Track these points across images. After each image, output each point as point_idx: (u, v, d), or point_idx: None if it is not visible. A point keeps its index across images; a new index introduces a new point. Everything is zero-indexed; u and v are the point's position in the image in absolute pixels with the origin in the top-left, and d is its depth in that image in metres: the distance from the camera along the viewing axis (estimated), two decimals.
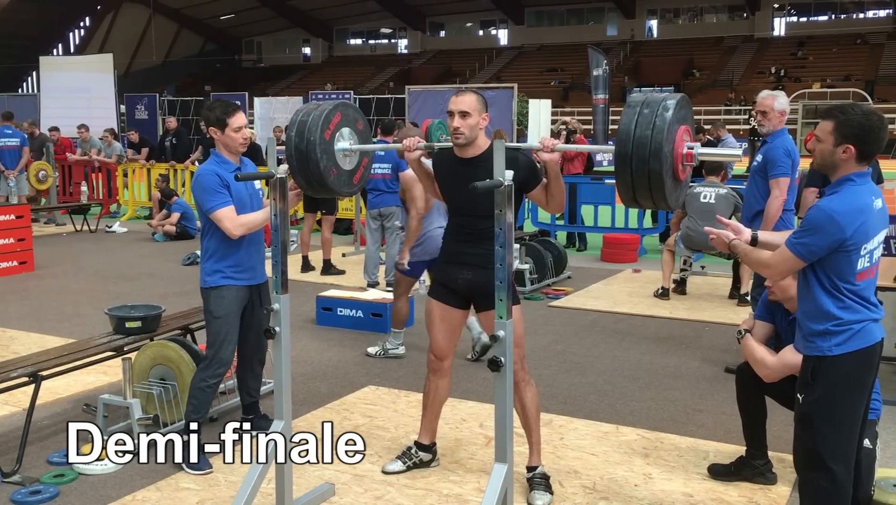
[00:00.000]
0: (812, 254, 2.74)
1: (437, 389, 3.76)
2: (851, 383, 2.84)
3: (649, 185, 2.66)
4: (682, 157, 2.74)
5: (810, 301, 2.84)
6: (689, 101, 2.84)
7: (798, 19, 45.17)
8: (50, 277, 8.64)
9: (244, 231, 3.85)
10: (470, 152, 3.47)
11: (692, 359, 5.71)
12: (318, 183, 3.35)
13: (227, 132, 3.87)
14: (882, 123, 2.79)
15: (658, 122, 2.63)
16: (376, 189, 7.79)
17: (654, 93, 2.80)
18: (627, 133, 2.66)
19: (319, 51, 54.24)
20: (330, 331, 6.44)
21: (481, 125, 3.45)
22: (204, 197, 3.82)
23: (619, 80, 40.22)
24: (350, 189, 3.54)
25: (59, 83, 21.41)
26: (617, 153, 2.67)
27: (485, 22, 51.92)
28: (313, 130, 3.28)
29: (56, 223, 12.93)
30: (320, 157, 3.29)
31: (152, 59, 47.43)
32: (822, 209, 2.74)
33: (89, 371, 4.86)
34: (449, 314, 3.65)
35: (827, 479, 2.81)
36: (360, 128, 3.53)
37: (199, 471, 3.80)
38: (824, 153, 2.81)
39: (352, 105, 3.55)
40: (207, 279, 3.94)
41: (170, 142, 13.75)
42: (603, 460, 3.97)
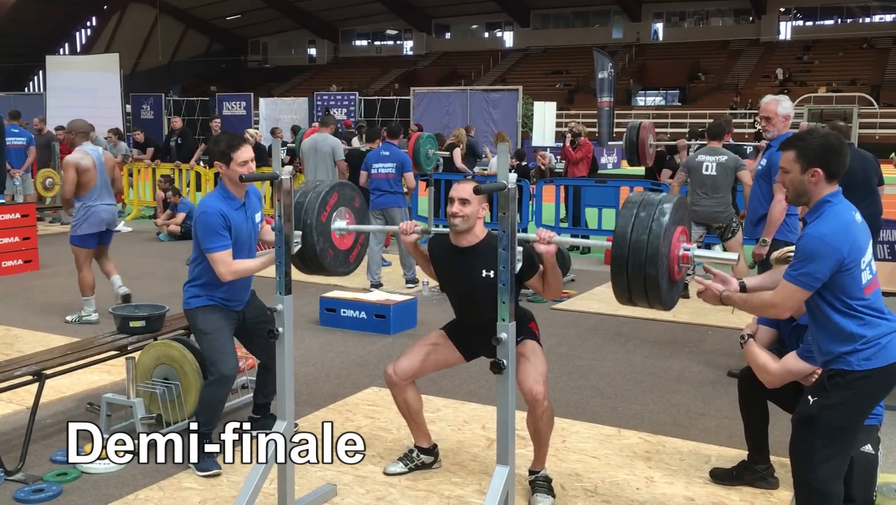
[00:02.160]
0: (817, 281, 2.75)
1: (405, 402, 3.75)
2: (870, 397, 2.86)
3: (645, 289, 2.70)
4: (678, 259, 2.78)
5: (829, 326, 2.84)
6: (685, 202, 2.88)
7: (804, 23, 45.09)
8: (55, 276, 8.66)
9: (234, 277, 3.85)
10: (466, 241, 3.49)
11: (695, 362, 5.70)
12: (314, 265, 3.39)
13: (233, 166, 3.84)
14: (841, 142, 2.86)
15: (654, 227, 2.66)
16: (379, 189, 7.83)
17: (651, 193, 2.82)
18: (624, 236, 2.69)
19: (325, 52, 54.30)
20: (333, 332, 6.46)
21: (480, 214, 3.48)
22: (205, 235, 3.81)
23: (625, 83, 40.21)
24: (346, 268, 3.58)
25: (65, 83, 21.48)
26: (613, 256, 2.71)
27: (490, 24, 51.93)
28: (310, 213, 3.31)
29: (62, 222, 12.96)
30: (317, 239, 3.32)
31: (158, 60, 47.55)
32: (813, 236, 2.76)
33: (93, 370, 4.87)
34: (447, 350, 3.71)
35: (821, 481, 2.82)
36: (356, 205, 3.55)
37: (206, 472, 3.80)
38: (794, 182, 2.86)
39: (348, 184, 3.59)
40: (191, 301, 3.94)
41: (175, 142, 13.77)
42: (605, 463, 3.97)
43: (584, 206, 10.51)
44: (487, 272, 3.40)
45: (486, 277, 3.40)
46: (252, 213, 4.03)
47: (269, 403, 4.28)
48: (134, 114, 22.45)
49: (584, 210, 10.54)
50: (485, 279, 3.40)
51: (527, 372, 3.38)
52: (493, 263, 2.85)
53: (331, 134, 9.14)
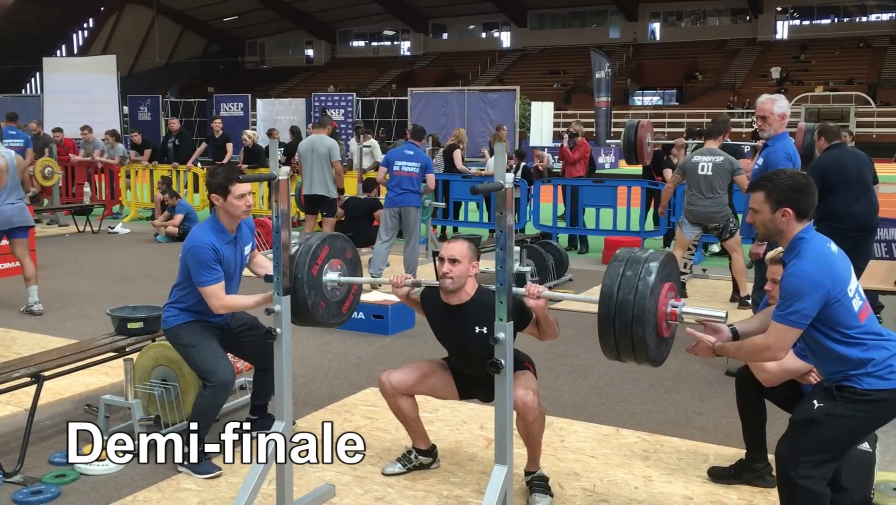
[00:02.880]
0: (806, 318, 2.76)
1: (398, 408, 3.75)
2: (878, 418, 2.88)
3: (633, 348, 2.71)
4: (665, 317, 2.79)
5: (834, 357, 2.83)
6: (673, 259, 2.89)
7: (801, 22, 45.14)
8: (52, 278, 8.65)
9: (227, 312, 3.87)
10: (457, 299, 3.50)
11: (693, 361, 5.71)
12: (305, 317, 3.38)
13: (230, 199, 3.84)
14: (808, 181, 2.89)
15: (641, 287, 2.67)
16: (400, 186, 7.86)
17: (638, 252, 2.81)
18: (610, 295, 2.70)
19: (322, 53, 54.29)
20: (331, 332, 6.45)
21: (471, 272, 3.49)
22: (196, 269, 3.80)
23: (622, 83, 40.24)
24: (338, 320, 3.58)
25: (62, 84, 21.46)
26: (600, 315, 2.72)
27: (487, 24, 51.95)
28: (301, 268, 3.31)
29: (59, 224, 12.96)
30: (308, 293, 3.32)
31: (155, 61, 47.51)
32: (795, 275, 2.77)
33: (91, 372, 4.87)
34: (444, 381, 3.73)
35: (807, 479, 2.82)
36: (348, 256, 3.56)
37: (207, 474, 3.80)
38: (765, 221, 2.89)
39: (340, 235, 3.59)
40: (170, 319, 3.95)
41: (172, 143, 13.77)
42: (603, 463, 3.98)
43: (582, 206, 10.52)
44: (481, 329, 3.41)
45: (480, 333, 3.41)
46: (242, 246, 4.04)
47: (267, 403, 4.28)
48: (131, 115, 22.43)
49: (581, 210, 10.55)
50: (478, 335, 3.41)
51: (517, 383, 3.38)
52: (485, 320, 2.89)
53: (328, 135, 9.15)
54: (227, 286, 3.92)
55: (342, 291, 3.56)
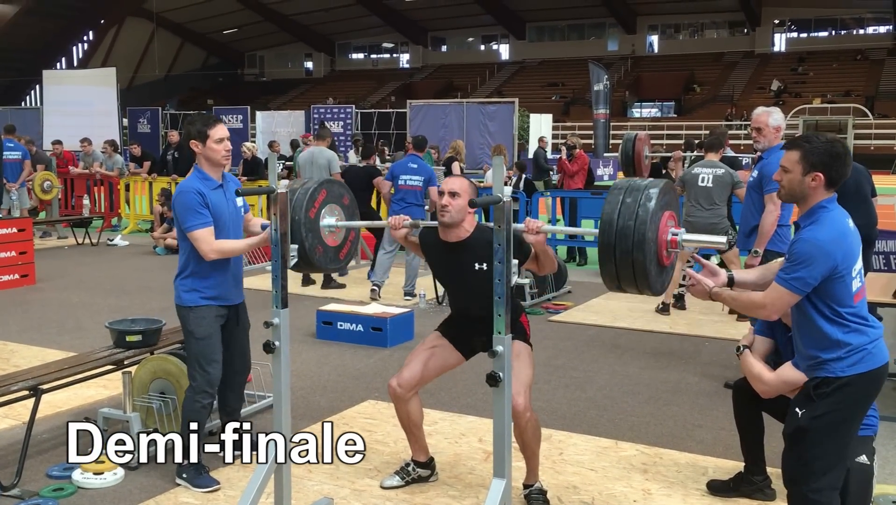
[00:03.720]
0: (808, 286, 2.76)
1: (408, 414, 3.73)
2: (858, 403, 2.86)
3: (633, 275, 2.69)
4: (666, 244, 2.77)
5: (815, 333, 2.84)
6: (672, 187, 2.87)
7: (798, 35, 45.30)
8: (51, 291, 8.65)
9: (219, 256, 3.79)
10: (455, 236, 3.49)
11: (691, 374, 5.71)
12: (303, 261, 3.38)
13: (209, 144, 3.81)
14: (846, 150, 2.85)
15: (641, 213, 2.65)
16: (405, 200, 7.93)
17: (637, 179, 2.81)
18: (610, 223, 2.68)
19: (322, 65, 54.43)
20: (330, 345, 6.45)
21: (469, 210, 3.49)
22: (184, 215, 3.76)
23: (620, 95, 40.33)
24: (337, 265, 3.58)
25: (61, 97, 21.52)
26: (600, 243, 2.71)
27: (486, 37, 52.10)
28: (298, 210, 3.31)
29: (59, 236, 12.96)
30: (305, 235, 3.32)
31: (155, 73, 47.58)
32: (808, 241, 2.76)
33: (89, 385, 4.86)
34: (446, 351, 3.70)
35: (817, 492, 2.81)
36: (345, 203, 3.56)
37: (205, 488, 3.78)
38: (793, 182, 2.86)
39: (337, 181, 3.60)
40: (184, 296, 3.87)
41: (172, 156, 13.79)
42: (602, 476, 3.97)
43: (581, 218, 10.53)
44: (480, 265, 3.40)
45: (479, 270, 3.39)
46: (231, 195, 3.96)
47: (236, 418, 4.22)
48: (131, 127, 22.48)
49: (580, 221, 10.56)
50: (478, 272, 3.40)
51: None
52: (484, 257, 2.85)
53: (327, 147, 9.17)
54: (228, 237, 3.86)
55: (340, 236, 3.53)
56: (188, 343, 3.91)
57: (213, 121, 3.87)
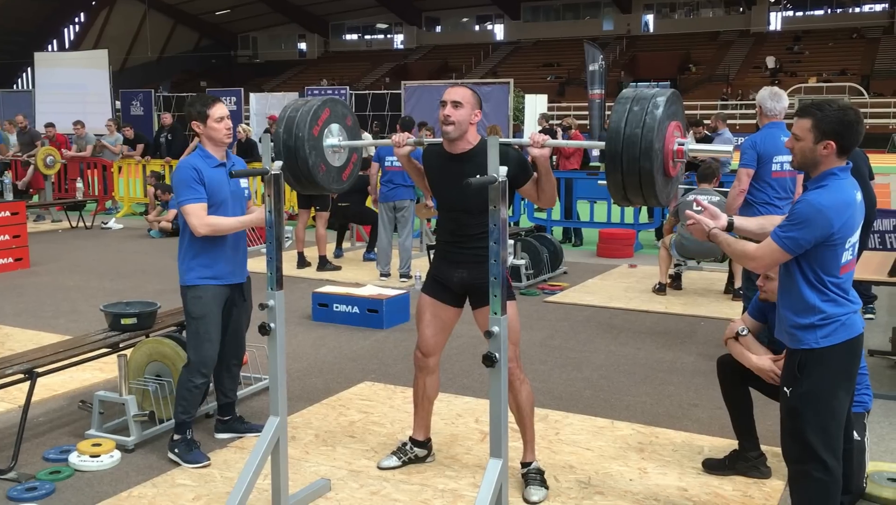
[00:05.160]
0: (799, 247, 2.76)
1: (425, 387, 3.75)
2: (839, 374, 2.86)
3: (640, 184, 2.65)
4: (672, 154, 2.73)
5: (794, 295, 2.85)
6: (679, 97, 2.83)
7: (794, 13, 45.16)
8: (46, 274, 8.63)
9: (209, 231, 3.77)
10: (459, 147, 3.44)
11: (687, 354, 5.72)
12: (306, 179, 3.35)
13: (210, 123, 3.82)
14: (858, 118, 2.81)
15: (648, 120, 2.62)
16: (391, 182, 7.95)
17: (644, 88, 2.79)
18: (617, 131, 2.64)
19: (315, 46, 54.11)
20: (326, 327, 6.45)
21: (473, 120, 3.43)
22: (178, 189, 3.80)
23: (616, 75, 40.18)
24: (339, 185, 3.53)
25: (54, 79, 21.36)
26: (607, 151, 2.67)
27: (481, 17, 51.82)
28: (301, 126, 3.27)
29: (53, 219, 12.92)
30: (308, 153, 3.28)
31: (147, 55, 47.29)
32: (811, 203, 2.75)
33: (85, 368, 4.85)
34: (441, 311, 3.65)
35: (821, 469, 2.83)
36: (349, 124, 3.53)
37: (196, 464, 3.80)
38: (805, 150, 2.82)
39: (340, 101, 3.55)
40: (184, 276, 3.89)
41: (165, 138, 13.73)
42: (598, 455, 3.98)
43: (576, 199, 10.53)
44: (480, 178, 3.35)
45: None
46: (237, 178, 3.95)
47: (234, 402, 4.26)
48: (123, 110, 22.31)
49: (575, 202, 10.56)
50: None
51: None
52: (486, 170, 2.80)
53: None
54: (220, 214, 3.84)
55: (343, 156, 3.49)
56: (187, 323, 3.94)
57: (212, 100, 3.87)
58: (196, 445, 3.90)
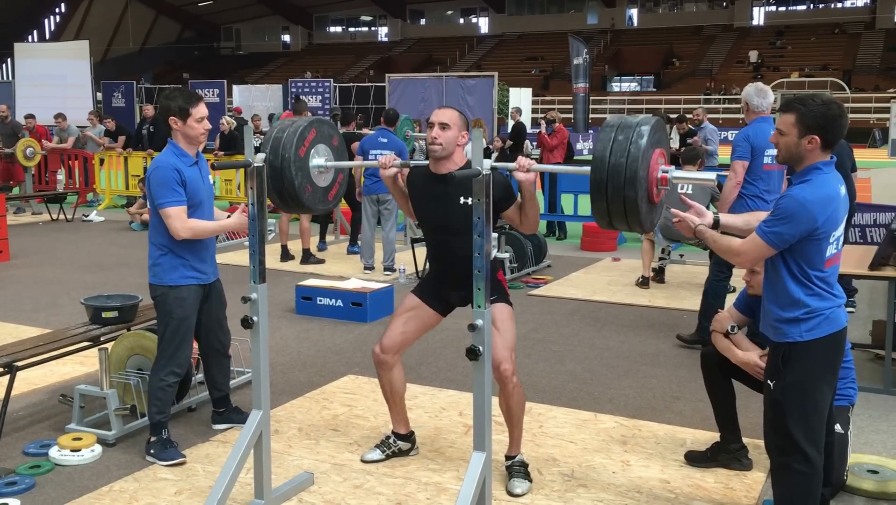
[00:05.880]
0: (784, 242, 2.77)
1: (391, 383, 3.73)
2: (822, 368, 2.88)
3: (625, 212, 2.69)
4: (656, 182, 2.77)
5: (779, 289, 2.87)
6: (663, 124, 2.87)
7: (777, 9, 45.40)
8: (25, 267, 8.54)
9: (190, 235, 3.74)
10: (445, 168, 3.46)
11: (670, 347, 5.75)
12: (292, 200, 3.35)
13: (190, 122, 3.76)
14: (842, 111, 2.83)
15: (632, 150, 2.65)
16: (375, 175, 7.92)
17: (628, 117, 2.81)
18: (602, 160, 2.67)
19: (299, 38, 53.85)
20: (309, 320, 6.43)
21: (460, 141, 3.46)
22: (158, 191, 3.70)
23: (600, 69, 40.30)
24: (325, 206, 3.54)
25: (34, 70, 21.17)
26: (592, 180, 2.69)
27: (465, 10, 51.76)
28: (288, 147, 3.27)
29: (33, 212, 12.79)
30: (295, 174, 3.28)
31: (129, 46, 46.90)
32: (795, 198, 2.76)
33: (66, 361, 4.82)
34: (423, 312, 3.67)
35: (802, 461, 2.84)
36: (335, 144, 3.53)
37: (170, 461, 3.77)
38: (790, 145, 2.84)
39: (326, 121, 3.55)
40: (164, 276, 3.81)
41: (147, 130, 13.60)
42: (581, 448, 4.00)
43: (560, 192, 10.54)
44: (465, 199, 3.35)
45: (465, 204, 3.35)
46: (206, 172, 3.93)
47: (228, 394, 4.24)
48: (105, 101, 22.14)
49: (559, 195, 10.57)
50: (462, 206, 3.35)
51: (495, 345, 3.35)
52: (470, 192, 2.81)
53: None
54: (198, 215, 3.80)
55: (329, 176, 3.50)
56: (163, 323, 3.85)
57: (196, 99, 3.80)
58: (172, 443, 3.85)
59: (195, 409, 4.46)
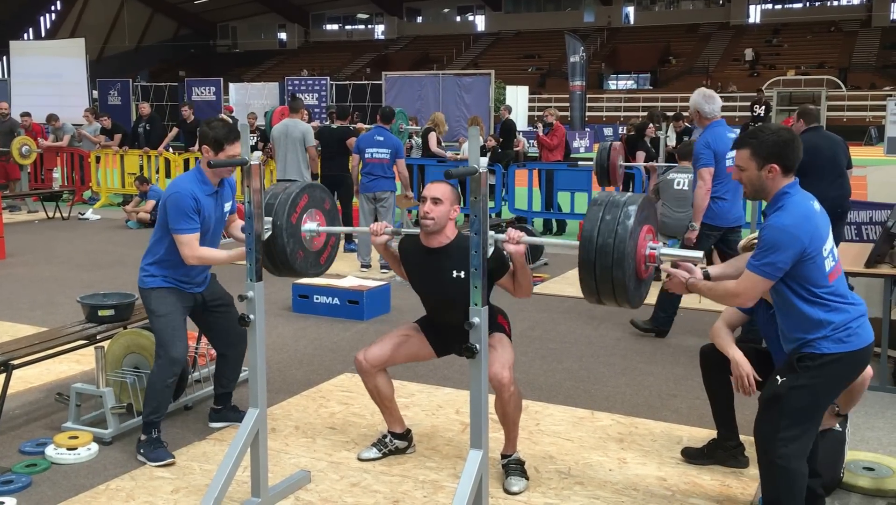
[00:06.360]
0: (779, 271, 2.79)
1: (375, 387, 3.74)
2: (839, 380, 2.91)
3: (613, 291, 2.73)
4: (644, 259, 2.81)
5: (796, 315, 2.87)
6: (651, 201, 2.91)
7: (773, 6, 45.38)
8: (22, 265, 8.53)
9: (198, 262, 3.81)
10: (436, 241, 3.50)
11: (666, 344, 5.76)
12: (284, 266, 3.38)
13: (221, 156, 3.76)
14: (792, 136, 2.90)
15: (620, 231, 2.69)
16: (372, 173, 7.93)
17: (616, 194, 2.83)
18: (590, 240, 2.71)
19: (295, 36, 53.74)
20: (306, 318, 6.43)
21: (451, 215, 3.49)
22: (174, 216, 3.75)
23: (597, 67, 40.29)
24: (317, 270, 3.58)
25: (30, 68, 21.07)
26: (580, 258, 2.74)
27: (462, 8, 51.68)
28: (280, 215, 3.30)
29: (29, 210, 12.76)
30: (287, 241, 3.31)
31: (125, 44, 46.78)
32: (774, 226, 2.80)
33: (62, 360, 4.81)
34: (420, 343, 3.72)
35: (784, 458, 2.86)
36: (327, 207, 3.55)
37: (159, 462, 3.76)
38: (752, 179, 2.91)
39: (319, 186, 3.59)
40: (146, 280, 3.88)
41: (143, 128, 13.59)
42: (578, 446, 4.00)
43: (557, 190, 10.54)
44: (458, 273, 3.41)
45: (458, 277, 3.40)
46: (223, 202, 3.98)
47: (230, 392, 4.24)
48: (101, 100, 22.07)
49: (556, 194, 10.57)
50: (456, 280, 3.41)
51: (493, 359, 3.40)
52: (463, 264, 2.87)
53: (301, 119, 9.09)
54: (205, 240, 3.84)
55: (321, 241, 3.53)
56: (151, 322, 3.89)
57: (234, 136, 3.76)
58: (161, 443, 3.84)
59: (192, 407, 4.46)
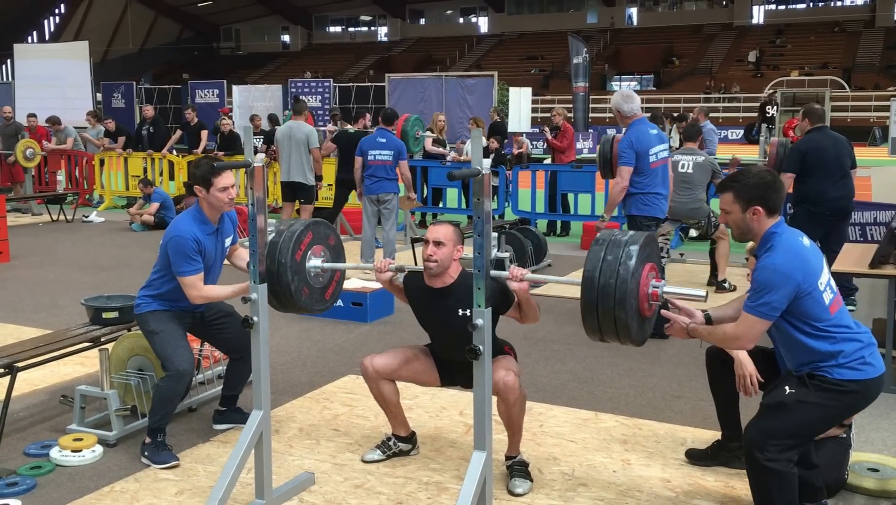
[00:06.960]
0: (776, 310, 2.80)
1: (380, 392, 3.75)
2: (846, 408, 2.91)
3: (616, 330, 2.75)
4: (647, 297, 2.80)
5: (804, 350, 2.88)
6: (653, 239, 2.90)
7: (776, 7, 45.34)
8: (26, 268, 8.55)
9: (203, 301, 3.87)
10: (440, 282, 3.52)
11: (670, 346, 5.75)
12: (289, 303, 3.39)
13: (212, 192, 3.81)
14: (774, 177, 2.93)
15: (622, 271, 2.69)
16: (374, 175, 7.92)
17: (618, 234, 2.82)
18: (592, 280, 2.72)
19: (299, 38, 53.80)
20: (310, 320, 6.43)
21: (455, 256, 3.50)
22: (176, 259, 3.79)
23: (600, 68, 40.24)
24: (322, 306, 3.58)
25: (34, 71, 21.13)
26: (582, 299, 2.75)
27: (465, 9, 51.69)
28: (284, 252, 3.31)
29: (33, 213, 12.79)
30: (291, 278, 3.32)
31: (129, 47, 46.86)
32: (767, 267, 2.81)
33: (66, 362, 4.82)
34: (427, 367, 3.73)
35: (773, 461, 2.86)
36: (331, 243, 3.56)
37: (164, 464, 3.76)
38: (738, 221, 2.93)
39: (323, 222, 3.60)
40: (141, 305, 3.93)
41: (147, 130, 13.61)
42: (582, 447, 4.00)
43: (560, 192, 10.53)
44: (464, 311, 3.43)
45: (463, 316, 3.43)
46: (223, 238, 4.04)
47: (237, 395, 4.25)
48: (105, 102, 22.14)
49: (559, 195, 10.56)
50: (461, 318, 3.42)
51: (498, 365, 3.41)
52: (468, 303, 2.89)
53: (305, 122, 9.10)
54: (207, 277, 3.91)
55: (325, 277, 3.55)
56: (152, 343, 3.91)
57: (218, 169, 3.82)
58: (166, 446, 3.85)
59: (196, 409, 4.47)
